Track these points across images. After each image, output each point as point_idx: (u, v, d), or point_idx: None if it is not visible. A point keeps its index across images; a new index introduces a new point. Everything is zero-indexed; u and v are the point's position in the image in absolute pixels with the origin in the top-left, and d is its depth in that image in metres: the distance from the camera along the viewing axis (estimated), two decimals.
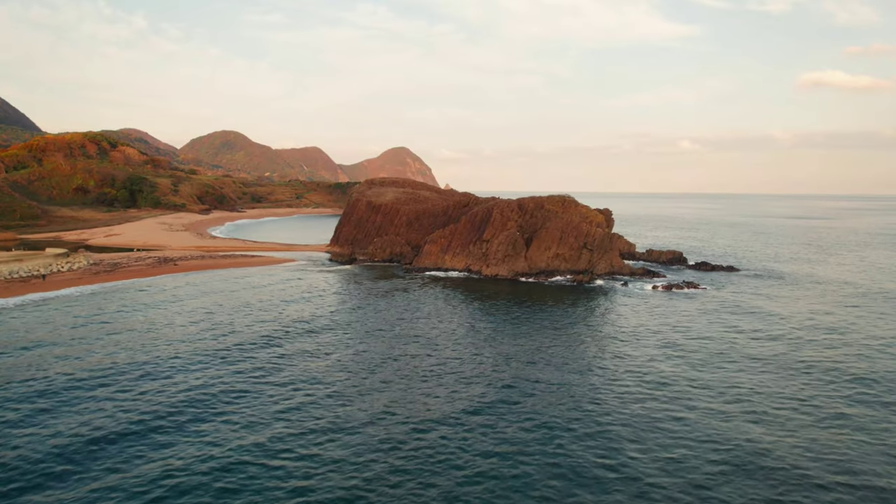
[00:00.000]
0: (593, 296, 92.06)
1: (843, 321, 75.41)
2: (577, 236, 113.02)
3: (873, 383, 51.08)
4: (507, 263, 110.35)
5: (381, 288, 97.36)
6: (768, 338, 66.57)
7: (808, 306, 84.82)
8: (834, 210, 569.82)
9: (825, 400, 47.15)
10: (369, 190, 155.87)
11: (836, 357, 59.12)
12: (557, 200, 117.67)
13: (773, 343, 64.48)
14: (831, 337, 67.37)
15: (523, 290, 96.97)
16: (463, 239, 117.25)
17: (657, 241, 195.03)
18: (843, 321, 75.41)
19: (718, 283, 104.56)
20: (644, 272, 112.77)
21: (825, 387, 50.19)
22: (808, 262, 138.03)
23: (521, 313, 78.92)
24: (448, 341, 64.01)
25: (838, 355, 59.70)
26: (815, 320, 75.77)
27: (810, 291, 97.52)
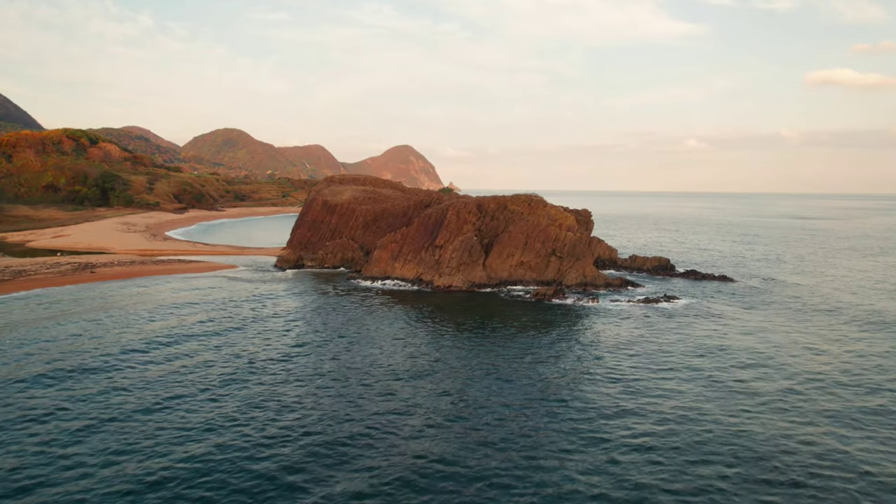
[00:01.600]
0: (551, 316, 77.12)
1: (858, 358, 60.12)
2: (544, 241, 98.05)
3: None
4: (463, 273, 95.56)
5: (301, 303, 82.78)
6: (749, 391, 51.44)
7: (815, 334, 69.45)
8: (843, 210, 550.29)
9: None
10: (327, 188, 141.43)
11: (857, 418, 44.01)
12: (523, 200, 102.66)
13: (756, 402, 49.38)
14: (846, 382, 52.19)
15: (472, 307, 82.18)
16: (415, 244, 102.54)
17: (650, 243, 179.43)
18: (858, 358, 60.12)
19: (706, 297, 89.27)
20: (621, 283, 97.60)
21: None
22: (815, 272, 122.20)
23: (449, 343, 64.15)
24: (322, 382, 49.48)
25: (859, 410, 44.62)
26: (824, 356, 60.49)
27: (817, 313, 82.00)
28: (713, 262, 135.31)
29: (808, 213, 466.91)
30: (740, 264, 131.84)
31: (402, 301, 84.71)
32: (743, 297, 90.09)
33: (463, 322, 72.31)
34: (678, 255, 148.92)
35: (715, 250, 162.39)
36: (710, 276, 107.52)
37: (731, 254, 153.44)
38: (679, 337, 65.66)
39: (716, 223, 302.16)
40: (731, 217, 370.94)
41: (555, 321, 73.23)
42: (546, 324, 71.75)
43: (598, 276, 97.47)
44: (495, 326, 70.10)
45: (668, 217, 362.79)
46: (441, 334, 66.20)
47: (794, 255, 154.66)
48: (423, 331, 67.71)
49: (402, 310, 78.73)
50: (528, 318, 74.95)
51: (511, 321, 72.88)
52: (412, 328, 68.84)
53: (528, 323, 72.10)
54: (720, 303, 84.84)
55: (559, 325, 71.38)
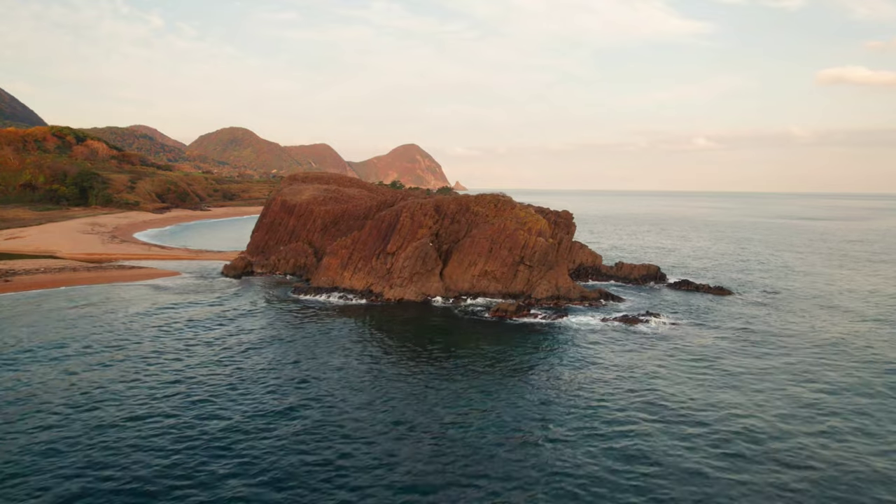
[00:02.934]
0: (507, 340, 64.71)
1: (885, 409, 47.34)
2: (511, 248, 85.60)
3: None
4: (416, 284, 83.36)
5: (216, 324, 70.84)
6: (743, 458, 38.89)
7: (826, 372, 56.60)
8: (855, 210, 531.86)
9: None
10: (288, 187, 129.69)
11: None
12: (488, 201, 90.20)
13: (751, 467, 36.85)
14: (863, 434, 39.51)
15: (419, 327, 69.94)
16: (367, 250, 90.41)
17: (647, 246, 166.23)
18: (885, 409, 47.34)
19: (694, 317, 76.45)
20: (599, 295, 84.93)
21: None
22: (828, 281, 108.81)
23: (367, 380, 52.00)
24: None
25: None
26: (840, 411, 47.75)
27: (828, 351, 68.99)
28: (710, 268, 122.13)
29: (819, 213, 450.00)
30: (741, 271, 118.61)
31: (342, 320, 72.57)
32: (737, 319, 77.03)
33: (397, 351, 60.09)
34: (674, 259, 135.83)
35: (715, 255, 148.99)
36: (703, 288, 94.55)
37: (732, 259, 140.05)
38: (648, 385, 53.07)
39: (720, 224, 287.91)
40: (737, 217, 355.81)
41: (508, 350, 60.78)
42: (497, 354, 59.33)
43: (572, 288, 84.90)
44: (435, 356, 57.83)
45: (672, 217, 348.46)
46: (359, 372, 54.04)
47: (802, 260, 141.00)
48: (335, 369, 55.58)
49: (333, 333, 66.61)
50: (479, 344, 62.56)
51: (457, 349, 60.59)
52: (323, 365, 56.74)
53: (476, 352, 59.72)
54: (709, 327, 71.79)
55: (510, 356, 58.91)
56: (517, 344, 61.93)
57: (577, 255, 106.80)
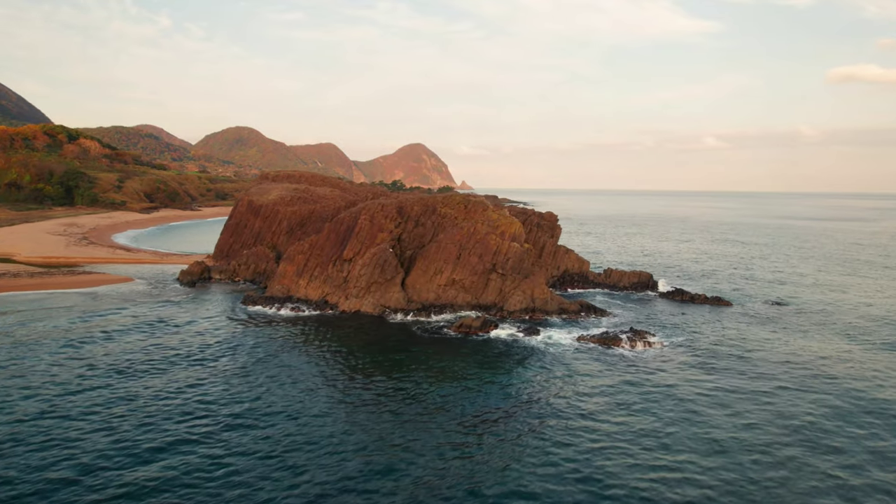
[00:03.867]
0: (462, 364, 55.75)
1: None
2: (482, 254, 76.58)
3: None
4: (374, 294, 74.53)
5: (139, 344, 62.30)
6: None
7: (847, 431, 47.24)
8: (868, 210, 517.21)
9: None
10: (256, 186, 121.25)
11: None
12: (458, 202, 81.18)
13: None
14: None
15: (370, 346, 61.10)
16: (324, 256, 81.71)
17: (646, 249, 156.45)
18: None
19: (686, 335, 67.15)
20: (580, 308, 75.71)
21: None
22: (841, 290, 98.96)
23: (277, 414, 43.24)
24: None
25: None
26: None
27: (842, 378, 59.54)
28: (711, 275, 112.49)
29: (829, 213, 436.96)
30: (744, 278, 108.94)
31: (282, 337, 63.85)
32: (733, 341, 67.61)
33: (329, 375, 51.27)
34: (673, 263, 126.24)
35: (717, 259, 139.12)
36: (699, 298, 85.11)
37: (735, 264, 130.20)
38: (621, 436, 43.98)
39: (726, 225, 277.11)
40: (743, 218, 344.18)
41: (452, 377, 51.82)
42: (435, 382, 50.38)
43: (550, 299, 75.75)
44: (376, 383, 49.00)
45: (676, 218, 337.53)
46: (270, 403, 45.27)
47: (810, 265, 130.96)
48: (255, 396, 46.84)
49: (260, 352, 57.91)
50: (424, 368, 53.60)
51: (405, 371, 51.72)
52: (228, 394, 48.02)
53: (424, 379, 50.82)
54: (699, 350, 62.40)
55: (450, 385, 49.97)
56: (466, 370, 52.93)
57: (562, 261, 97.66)
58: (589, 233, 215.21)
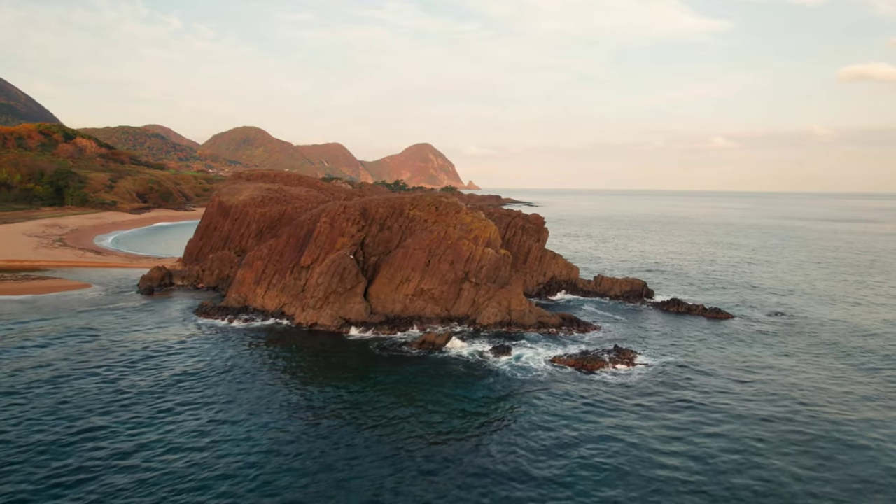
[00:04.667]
0: (414, 386, 48.38)
1: None
2: (453, 261, 69.13)
3: None
4: (333, 306, 67.22)
5: (58, 367, 55.32)
6: None
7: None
8: (880, 211, 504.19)
9: None
10: (231, 185, 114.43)
11: None
12: (428, 203, 73.71)
13: None
14: None
15: (312, 365, 53.84)
16: (283, 262, 74.59)
17: (647, 251, 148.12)
18: None
19: (679, 353, 59.40)
20: (562, 322, 68.00)
21: None
22: (854, 300, 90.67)
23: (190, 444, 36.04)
24: None
25: None
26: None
27: (855, 420, 51.65)
28: (713, 281, 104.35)
29: (842, 214, 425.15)
30: (749, 286, 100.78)
31: (226, 355, 56.73)
32: (731, 363, 59.77)
33: (265, 406, 44.04)
34: (674, 269, 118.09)
35: (721, 264, 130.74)
36: (697, 309, 77.18)
37: (740, 270, 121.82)
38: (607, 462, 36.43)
39: (733, 227, 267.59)
40: (752, 219, 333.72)
41: (406, 403, 44.47)
42: (386, 410, 43.06)
43: (528, 311, 68.15)
44: (309, 411, 41.73)
45: (682, 219, 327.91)
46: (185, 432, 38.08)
47: (821, 271, 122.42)
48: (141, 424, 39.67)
49: (199, 369, 50.78)
50: (375, 393, 46.27)
51: (344, 397, 44.41)
52: (136, 420, 40.86)
53: (363, 408, 43.49)
54: (692, 374, 54.71)
55: (394, 418, 42.62)
56: (412, 398, 45.51)
57: (549, 267, 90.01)
58: (589, 235, 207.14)
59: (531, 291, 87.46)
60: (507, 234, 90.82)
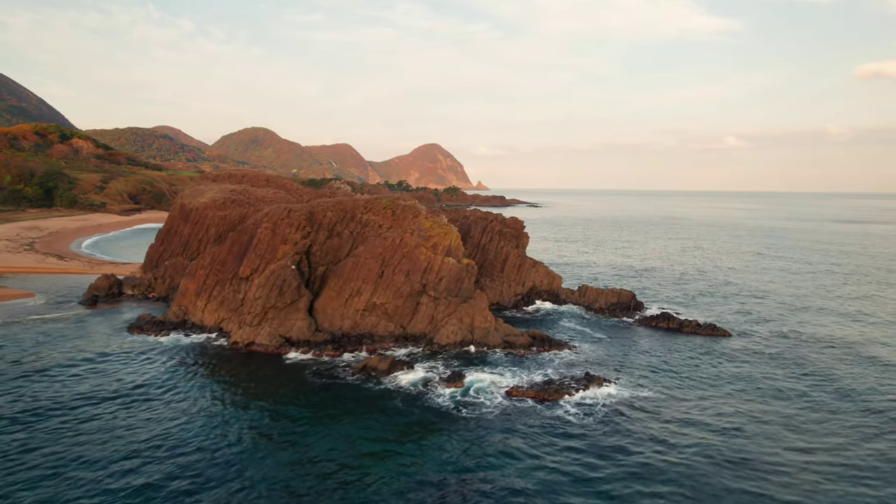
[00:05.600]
0: (339, 423, 40.42)
1: None
2: (409, 272, 61.08)
3: None
4: (272, 322, 59.40)
5: None
6: None
7: None
8: (891, 212, 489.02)
9: None
10: (195, 186, 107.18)
11: None
12: (384, 206, 65.65)
13: None
14: None
15: (228, 397, 46.02)
16: (225, 272, 66.93)
17: (646, 256, 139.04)
18: None
19: (664, 382, 50.97)
20: (532, 341, 59.66)
21: None
22: (872, 319, 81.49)
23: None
24: None
25: None
26: None
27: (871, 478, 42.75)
28: (711, 291, 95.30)
29: (858, 215, 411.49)
30: (753, 296, 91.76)
31: (142, 379, 49.11)
32: (721, 392, 51.24)
33: (157, 443, 36.28)
34: (669, 276, 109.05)
35: (723, 270, 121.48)
36: (689, 326, 68.47)
37: (744, 277, 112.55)
38: None
39: (743, 229, 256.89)
40: (762, 221, 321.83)
41: (319, 449, 36.50)
42: (292, 452, 35.10)
43: (493, 328, 59.92)
44: (201, 453, 33.90)
45: (687, 220, 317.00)
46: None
47: (835, 278, 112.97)
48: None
49: (101, 395, 43.13)
50: (293, 429, 38.33)
51: (251, 433, 36.54)
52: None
53: (271, 446, 35.60)
54: (678, 410, 46.30)
55: (299, 475, 34.65)
56: (313, 446, 37.51)
57: (529, 275, 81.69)
58: (587, 238, 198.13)
59: (508, 303, 79.25)
60: (483, 240, 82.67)
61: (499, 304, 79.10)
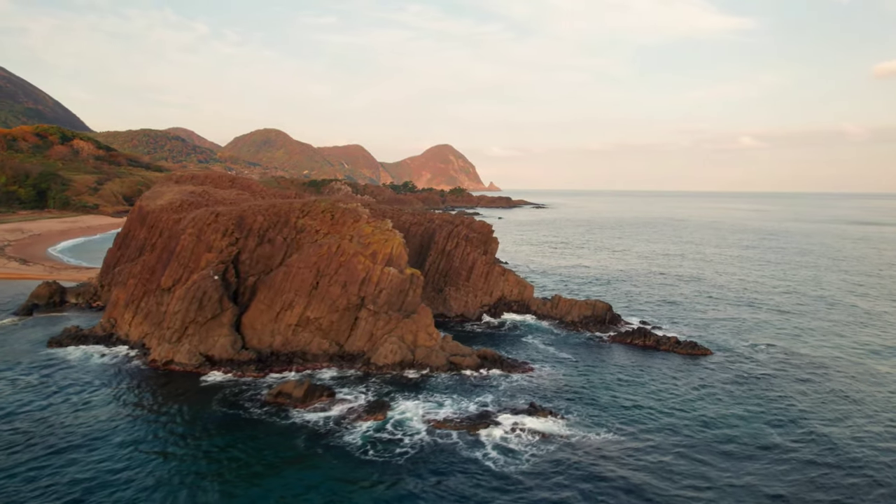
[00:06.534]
0: (220, 469, 34.23)
1: None
2: (347, 283, 54.73)
3: None
4: (193, 339, 53.37)
5: None
6: None
7: None
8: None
9: None
10: (157, 188, 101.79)
11: None
12: (322, 210, 59.27)
13: None
14: None
15: (120, 424, 40.02)
16: (153, 281, 61.08)
17: (648, 256, 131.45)
18: None
19: (624, 412, 44.15)
20: (481, 361, 52.93)
21: None
22: (881, 343, 73.76)
23: None
24: None
25: None
26: None
27: None
28: (698, 302, 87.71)
29: (875, 217, 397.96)
30: (745, 307, 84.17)
31: (38, 405, 43.35)
32: (690, 429, 44.30)
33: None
34: (655, 284, 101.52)
35: (716, 277, 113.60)
36: (666, 343, 61.28)
37: (739, 286, 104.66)
38: None
39: (751, 232, 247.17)
40: (772, 223, 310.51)
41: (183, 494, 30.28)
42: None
43: (437, 347, 53.36)
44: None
45: (696, 223, 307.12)
46: None
47: (841, 288, 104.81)
48: None
49: None
50: (169, 476, 32.21)
51: (113, 477, 30.49)
52: None
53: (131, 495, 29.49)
54: (626, 458, 39.51)
55: None
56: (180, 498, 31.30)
57: (498, 284, 74.97)
58: (579, 241, 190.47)
59: (473, 314, 72.58)
60: (448, 246, 76.09)
61: (463, 316, 72.53)
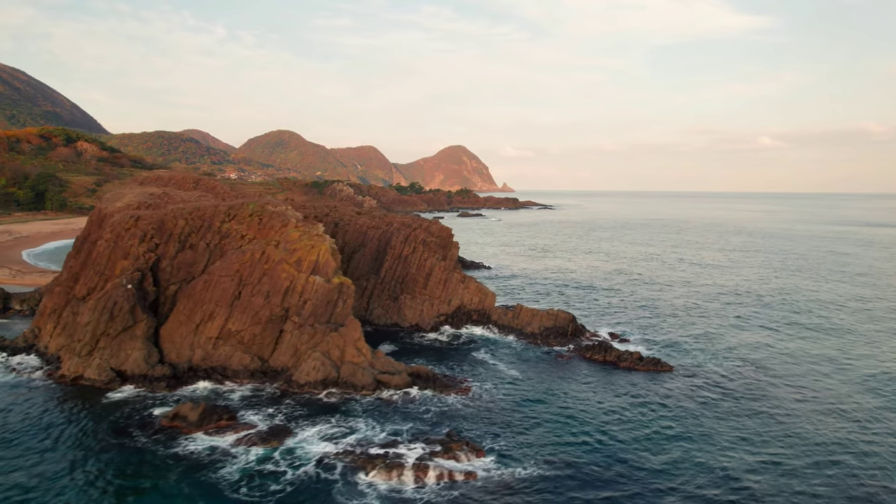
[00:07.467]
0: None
1: None
2: (270, 293, 50.40)
3: None
4: (104, 353, 49.42)
5: None
6: None
7: None
8: None
9: None
10: (119, 190, 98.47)
11: None
12: (249, 214, 54.97)
13: None
14: None
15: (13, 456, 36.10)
16: (75, 290, 57.30)
17: (621, 266, 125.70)
18: None
19: (557, 455, 39.26)
20: (411, 380, 48.29)
21: None
22: (880, 363, 67.76)
23: None
24: None
25: None
26: None
27: None
28: (677, 312, 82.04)
29: (893, 217, 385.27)
30: (736, 317, 78.44)
31: None
32: (633, 468, 39.31)
33: None
34: (630, 292, 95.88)
35: (701, 285, 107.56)
36: (627, 360, 56.04)
37: (730, 291, 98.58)
38: None
39: (757, 232, 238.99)
40: (781, 224, 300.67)
41: None
42: None
43: (365, 364, 48.76)
44: None
45: (703, 225, 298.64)
46: None
47: (843, 294, 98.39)
48: None
49: None
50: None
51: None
52: None
53: None
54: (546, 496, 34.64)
55: None
56: None
57: (457, 292, 70.21)
58: (568, 245, 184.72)
59: (427, 324, 67.90)
60: (405, 251, 71.53)
61: (418, 327, 67.89)
